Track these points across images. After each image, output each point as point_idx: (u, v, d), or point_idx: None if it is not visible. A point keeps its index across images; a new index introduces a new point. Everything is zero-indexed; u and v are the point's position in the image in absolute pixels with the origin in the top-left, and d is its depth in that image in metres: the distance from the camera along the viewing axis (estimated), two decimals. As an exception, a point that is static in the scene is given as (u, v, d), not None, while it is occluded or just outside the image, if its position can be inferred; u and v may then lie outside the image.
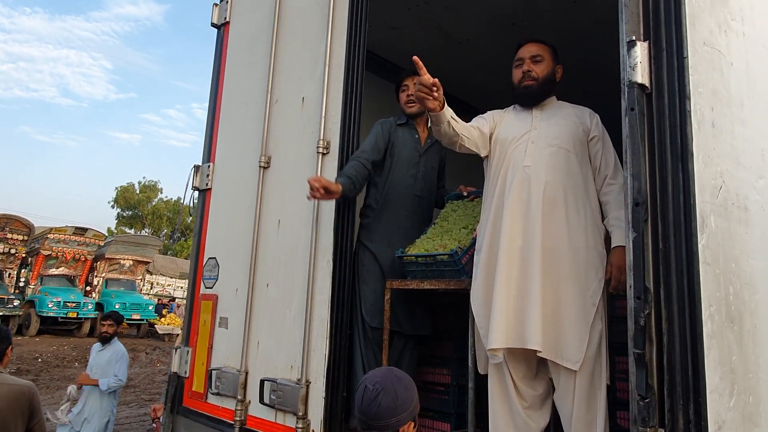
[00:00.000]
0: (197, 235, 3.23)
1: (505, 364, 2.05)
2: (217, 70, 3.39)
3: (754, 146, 1.86)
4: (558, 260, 2.01)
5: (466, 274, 2.25)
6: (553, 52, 2.32)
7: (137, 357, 12.62)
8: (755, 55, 1.97)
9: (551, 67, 2.28)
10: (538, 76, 2.25)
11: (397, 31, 4.05)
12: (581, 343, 1.95)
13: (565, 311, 1.98)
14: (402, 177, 2.80)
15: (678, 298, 1.50)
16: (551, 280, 2.00)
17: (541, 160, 2.11)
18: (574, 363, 1.94)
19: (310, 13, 2.88)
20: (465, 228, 2.45)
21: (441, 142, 2.27)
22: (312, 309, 2.48)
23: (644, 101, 1.63)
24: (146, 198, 37.33)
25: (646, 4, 1.67)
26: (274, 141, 2.91)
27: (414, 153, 2.84)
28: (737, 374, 1.56)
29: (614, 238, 2.06)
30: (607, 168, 2.16)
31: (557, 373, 2.01)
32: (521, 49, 2.32)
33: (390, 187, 2.78)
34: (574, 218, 2.06)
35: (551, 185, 2.07)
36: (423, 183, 2.84)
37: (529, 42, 2.32)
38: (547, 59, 2.27)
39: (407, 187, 2.80)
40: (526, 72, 2.25)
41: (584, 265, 2.03)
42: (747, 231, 1.73)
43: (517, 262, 2.03)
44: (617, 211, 2.06)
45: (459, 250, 2.28)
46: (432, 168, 2.91)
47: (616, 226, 2.06)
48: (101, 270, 18.14)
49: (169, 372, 3.14)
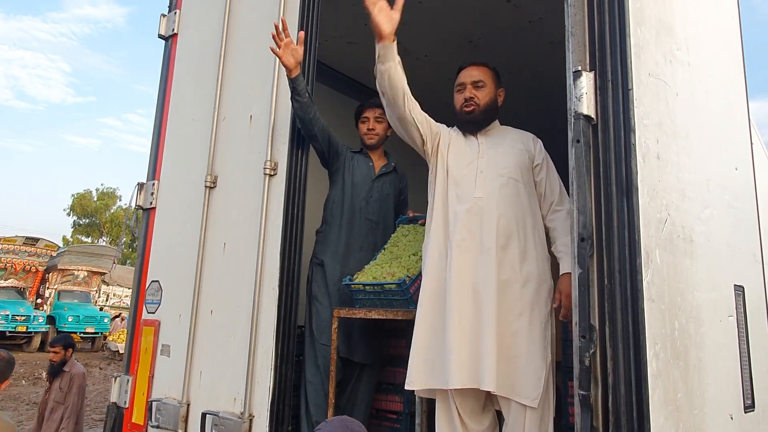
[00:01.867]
0: (140, 257, 3.08)
1: (452, 398, 1.99)
2: (164, 83, 3.25)
3: (700, 176, 1.86)
4: (512, 294, 1.97)
5: (414, 304, 2.18)
6: (495, 75, 2.27)
7: (90, 373, 12.11)
8: (701, 85, 1.98)
9: (493, 92, 2.23)
10: (480, 103, 2.19)
11: (355, 45, 3.99)
12: (538, 380, 1.90)
13: (520, 346, 1.93)
14: (354, 199, 2.78)
15: (623, 336, 1.46)
16: (505, 315, 1.94)
17: (493, 192, 2.06)
18: (532, 400, 1.89)
19: (260, 27, 2.78)
20: (414, 255, 2.39)
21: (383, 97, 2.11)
22: (256, 338, 2.37)
23: (590, 133, 1.60)
24: (104, 206, 36.15)
25: (592, 34, 1.65)
26: (221, 160, 2.79)
27: (367, 179, 2.84)
28: (683, 412, 1.54)
29: (563, 265, 2.03)
30: (552, 194, 2.13)
31: (507, 407, 1.96)
32: (462, 73, 2.26)
33: (344, 206, 2.77)
34: (526, 250, 2.02)
35: (504, 218, 2.03)
36: (376, 208, 2.81)
37: (470, 65, 2.25)
38: (489, 84, 2.21)
39: (359, 210, 2.77)
40: (467, 99, 2.20)
41: (537, 297, 1.99)
42: (692, 263, 1.72)
43: (469, 297, 1.96)
44: (564, 238, 2.03)
45: (407, 278, 2.22)
46: (387, 195, 2.88)
47: (564, 252, 2.03)
48: (53, 281, 17.41)
49: (108, 403, 2.96)
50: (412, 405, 2.59)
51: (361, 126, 2.95)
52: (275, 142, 2.55)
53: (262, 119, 2.63)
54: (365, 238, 2.74)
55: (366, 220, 2.76)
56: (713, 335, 1.77)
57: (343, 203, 2.77)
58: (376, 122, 2.89)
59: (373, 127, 2.89)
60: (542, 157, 2.18)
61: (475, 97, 2.19)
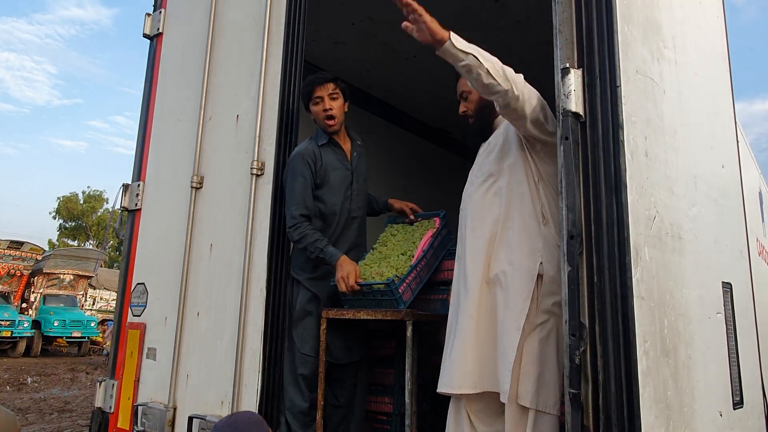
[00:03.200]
0: (125, 259, 3.03)
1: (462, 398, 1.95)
2: (149, 83, 3.21)
3: (687, 174, 1.86)
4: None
5: (404, 304, 2.16)
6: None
7: (76, 378, 11.95)
8: (687, 83, 1.99)
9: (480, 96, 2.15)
10: (471, 113, 2.19)
11: (342, 45, 3.98)
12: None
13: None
14: (335, 203, 2.53)
15: (613, 334, 1.46)
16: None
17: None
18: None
19: (246, 27, 2.76)
20: (403, 254, 2.37)
21: (514, 101, 1.83)
22: (244, 340, 2.34)
23: (578, 130, 1.59)
24: (91, 208, 35.72)
25: (579, 31, 1.64)
26: (207, 160, 2.76)
27: (345, 173, 2.58)
28: (673, 410, 1.53)
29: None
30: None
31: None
32: (457, 84, 2.23)
33: (329, 217, 2.54)
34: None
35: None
36: (357, 200, 2.62)
37: (458, 78, 2.20)
38: (474, 91, 2.14)
39: (344, 212, 2.56)
40: (462, 113, 2.20)
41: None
42: (681, 260, 1.72)
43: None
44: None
45: (396, 278, 2.20)
46: (364, 179, 2.68)
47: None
48: (39, 285, 17.16)
49: (93, 408, 2.91)
50: (402, 406, 2.57)
51: (316, 109, 2.54)
52: (262, 142, 2.52)
53: (248, 119, 2.60)
54: (348, 238, 2.56)
55: (350, 218, 2.59)
56: (702, 332, 1.77)
57: (329, 214, 2.53)
58: (331, 100, 2.52)
59: (329, 106, 2.50)
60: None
61: (467, 110, 2.19)
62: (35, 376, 11.50)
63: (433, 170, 5.35)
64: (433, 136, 5.46)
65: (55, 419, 7.22)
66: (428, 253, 2.39)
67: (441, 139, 5.54)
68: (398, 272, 2.24)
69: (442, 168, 5.47)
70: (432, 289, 2.60)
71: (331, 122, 2.52)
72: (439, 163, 5.50)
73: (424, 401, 2.74)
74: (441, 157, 5.55)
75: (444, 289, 2.58)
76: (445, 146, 5.60)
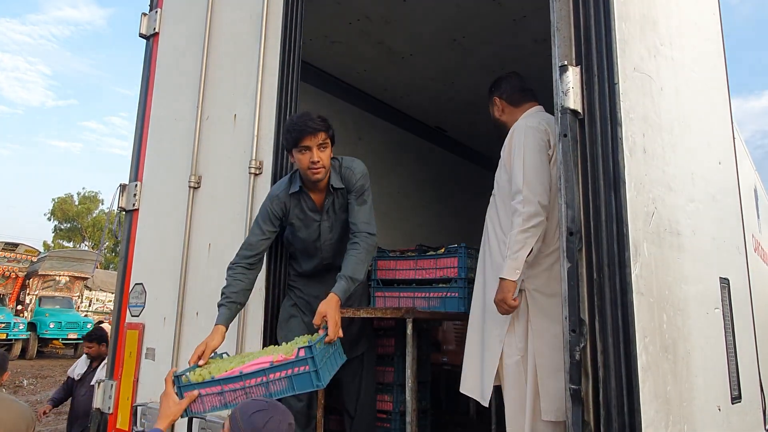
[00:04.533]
0: (123, 259, 3.02)
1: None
2: (145, 83, 3.20)
3: (684, 170, 1.87)
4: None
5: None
6: (489, 93, 2.36)
7: (72, 380, 11.91)
8: (684, 80, 2.00)
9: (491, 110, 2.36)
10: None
11: (339, 45, 3.97)
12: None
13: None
14: (306, 254, 2.46)
15: (613, 330, 1.46)
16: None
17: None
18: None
19: (243, 26, 2.75)
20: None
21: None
22: (243, 341, 2.34)
23: (577, 127, 1.60)
24: (86, 210, 35.56)
25: (577, 29, 1.65)
26: (205, 160, 2.75)
27: (312, 225, 2.38)
28: (672, 405, 1.54)
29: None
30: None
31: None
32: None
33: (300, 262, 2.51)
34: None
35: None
36: (330, 248, 2.44)
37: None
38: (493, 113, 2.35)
39: (317, 261, 2.46)
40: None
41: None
42: (679, 256, 1.73)
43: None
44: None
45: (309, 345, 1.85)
46: (340, 224, 2.42)
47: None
48: (34, 287, 17.08)
49: (92, 408, 2.91)
50: (403, 404, 2.58)
51: (301, 158, 2.22)
52: (260, 141, 2.52)
53: (246, 118, 2.60)
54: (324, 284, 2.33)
55: (324, 266, 2.47)
56: (700, 328, 1.78)
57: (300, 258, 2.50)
58: (321, 151, 2.22)
59: (317, 159, 2.20)
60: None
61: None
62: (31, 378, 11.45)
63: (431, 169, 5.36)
64: (430, 134, 5.47)
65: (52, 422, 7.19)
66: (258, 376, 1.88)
67: (438, 138, 5.55)
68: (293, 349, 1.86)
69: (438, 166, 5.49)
70: (432, 286, 2.61)
71: (319, 175, 2.25)
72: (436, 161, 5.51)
73: (424, 399, 2.75)
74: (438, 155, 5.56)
75: (443, 287, 2.59)
76: (442, 145, 5.61)
